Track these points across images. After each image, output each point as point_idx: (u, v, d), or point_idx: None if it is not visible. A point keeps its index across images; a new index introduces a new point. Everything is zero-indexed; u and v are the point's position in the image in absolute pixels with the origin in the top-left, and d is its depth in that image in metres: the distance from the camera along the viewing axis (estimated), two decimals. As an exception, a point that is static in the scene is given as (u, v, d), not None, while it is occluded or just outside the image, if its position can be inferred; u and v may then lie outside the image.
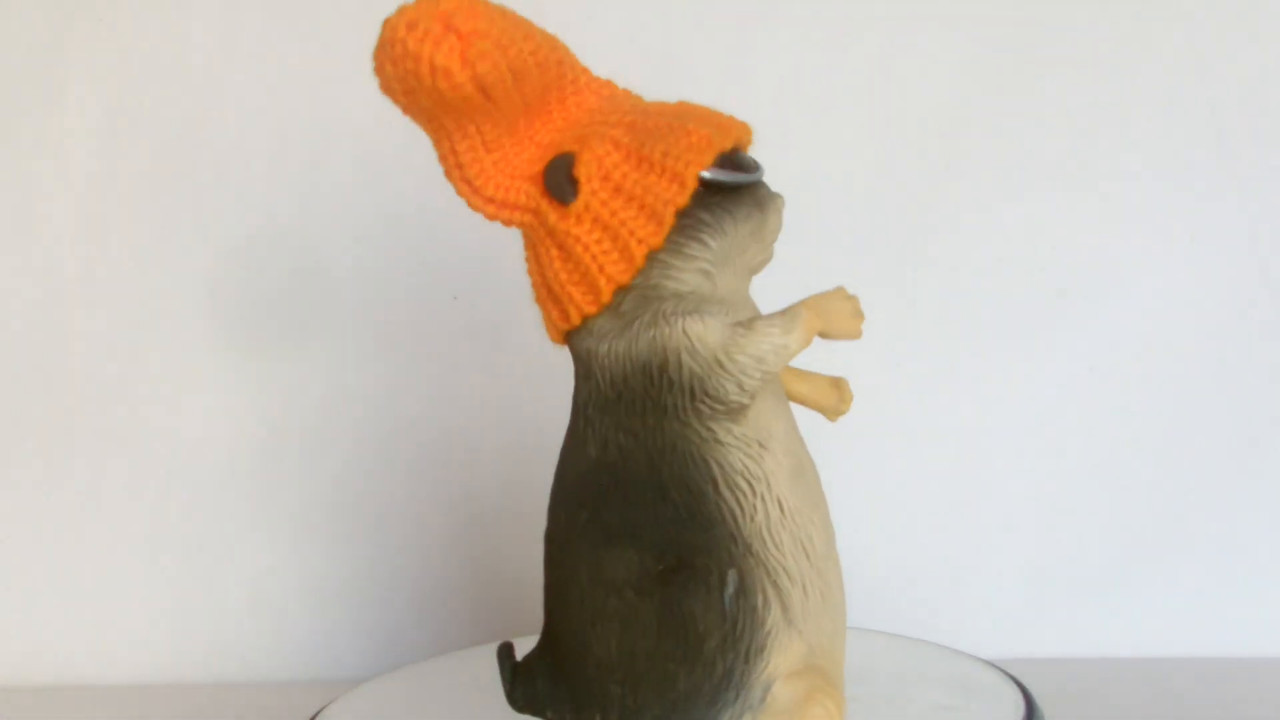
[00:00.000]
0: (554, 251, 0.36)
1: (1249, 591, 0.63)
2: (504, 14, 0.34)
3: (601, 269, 0.35)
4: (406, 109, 0.35)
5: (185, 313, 0.67)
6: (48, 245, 0.68)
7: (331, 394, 0.67)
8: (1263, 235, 0.63)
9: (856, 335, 0.37)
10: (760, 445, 0.36)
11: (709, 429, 0.35)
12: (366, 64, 0.68)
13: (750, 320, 0.36)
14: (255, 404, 0.67)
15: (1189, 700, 0.56)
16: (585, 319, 0.36)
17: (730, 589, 0.34)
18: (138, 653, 0.67)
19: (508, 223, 0.37)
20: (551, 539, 0.37)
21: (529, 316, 0.39)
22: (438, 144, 0.36)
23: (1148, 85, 0.63)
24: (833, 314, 0.36)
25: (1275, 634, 0.62)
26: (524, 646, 0.40)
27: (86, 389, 0.68)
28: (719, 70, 0.65)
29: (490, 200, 0.36)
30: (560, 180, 0.36)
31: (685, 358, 0.35)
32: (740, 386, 0.35)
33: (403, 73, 0.33)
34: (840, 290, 0.37)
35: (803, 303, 0.36)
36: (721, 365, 0.35)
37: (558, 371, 0.40)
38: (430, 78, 0.33)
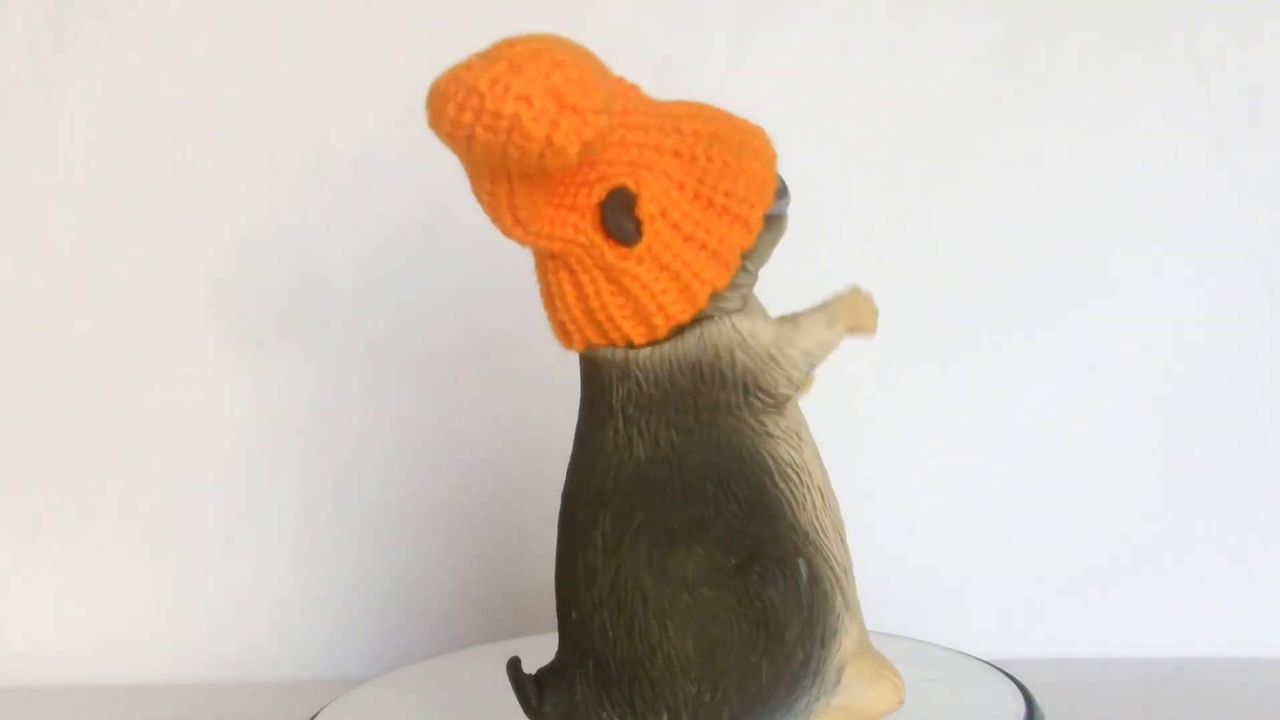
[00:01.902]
0: (603, 284, 0.35)
1: (1249, 591, 0.63)
2: (598, 70, 0.32)
3: (661, 308, 0.35)
4: (468, 158, 0.33)
5: (185, 313, 0.67)
6: (48, 245, 0.68)
7: (331, 394, 0.67)
8: (1263, 235, 0.63)
9: (875, 331, 0.39)
10: (798, 437, 0.37)
11: (760, 422, 0.36)
12: (366, 64, 0.68)
13: (794, 315, 0.37)
14: (255, 404, 0.67)
15: (1189, 700, 0.56)
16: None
17: (804, 577, 0.35)
18: (138, 653, 0.67)
19: (546, 249, 0.36)
20: (592, 544, 0.36)
21: (529, 318, 0.39)
22: (492, 185, 0.34)
23: (1148, 85, 0.63)
24: (860, 310, 0.38)
25: (1275, 634, 0.62)
26: (526, 647, 0.40)
27: (86, 389, 0.68)
28: (719, 70, 0.65)
29: (534, 234, 0.35)
30: (622, 222, 0.35)
31: (738, 353, 0.36)
32: (789, 380, 0.36)
33: (502, 143, 0.31)
34: (858, 288, 0.38)
35: (838, 299, 0.38)
36: (774, 359, 0.36)
37: (558, 372, 0.40)
38: (539, 156, 0.31)
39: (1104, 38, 0.63)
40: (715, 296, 0.35)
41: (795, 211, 0.39)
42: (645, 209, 0.35)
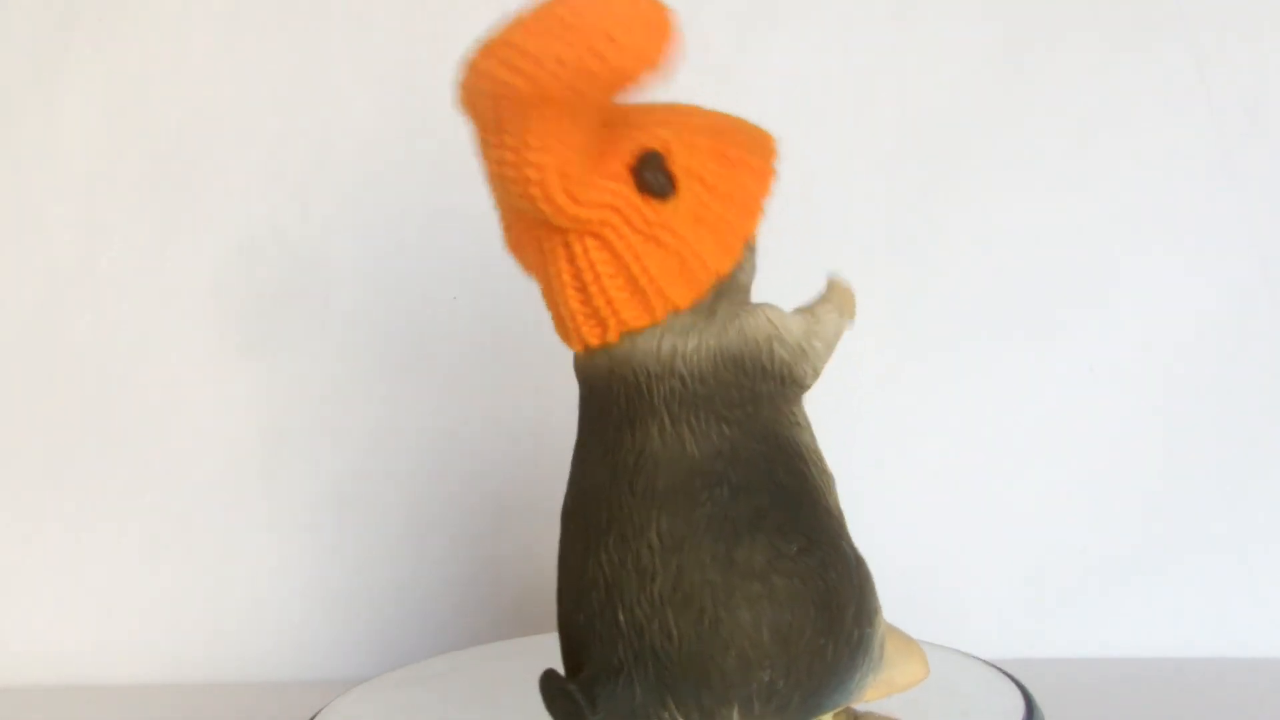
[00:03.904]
0: (642, 246, 0.36)
1: (1249, 591, 0.63)
2: None
3: (702, 261, 0.36)
4: (543, 106, 0.33)
5: (186, 312, 0.67)
6: (48, 245, 0.68)
7: (331, 394, 0.67)
8: (1263, 235, 0.63)
9: (854, 316, 0.40)
10: (809, 426, 0.38)
11: (792, 412, 0.37)
12: (366, 64, 0.68)
13: (810, 308, 0.39)
14: (255, 404, 0.67)
15: (1189, 700, 0.56)
16: (670, 314, 0.36)
17: (851, 559, 0.37)
18: (138, 653, 0.67)
19: (585, 221, 0.36)
20: (647, 545, 0.36)
21: (529, 316, 0.39)
22: (544, 149, 0.34)
23: (1148, 85, 0.63)
24: (849, 299, 0.40)
25: (1275, 634, 0.62)
26: (526, 647, 0.40)
27: (87, 389, 0.68)
28: (719, 70, 0.65)
29: (582, 202, 0.35)
30: (659, 177, 0.36)
31: (776, 345, 0.37)
32: (815, 370, 0.38)
33: (612, 65, 0.33)
34: (836, 277, 0.40)
35: (834, 290, 0.39)
36: (804, 351, 0.37)
37: (558, 372, 0.40)
38: (636, 70, 0.33)
39: (1104, 38, 0.63)
40: (747, 247, 0.37)
41: (795, 211, 0.39)
42: (678, 163, 0.36)
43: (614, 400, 0.37)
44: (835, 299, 0.39)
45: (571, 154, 0.34)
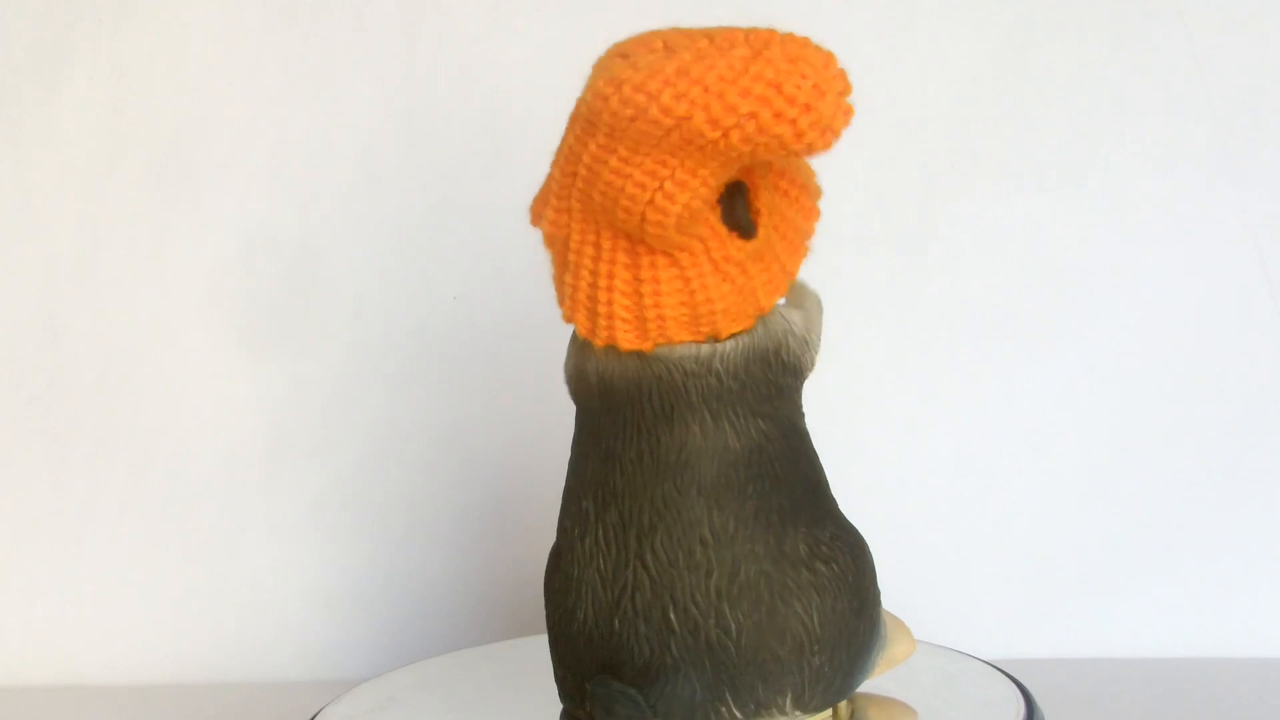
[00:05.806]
0: (711, 278, 0.36)
1: (1249, 591, 0.63)
2: None
3: (756, 299, 0.36)
4: (697, 151, 0.32)
5: (186, 312, 0.67)
6: (48, 245, 0.68)
7: (332, 394, 0.67)
8: (1263, 235, 0.63)
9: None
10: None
11: (799, 403, 0.39)
12: (367, 63, 0.68)
13: (799, 302, 0.40)
14: (255, 404, 0.67)
15: (1189, 700, 0.56)
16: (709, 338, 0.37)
17: (865, 543, 0.38)
18: (138, 653, 0.67)
19: (670, 247, 0.35)
20: (700, 541, 0.36)
21: (529, 316, 0.39)
22: (687, 178, 0.33)
23: (1148, 85, 0.63)
24: (817, 297, 0.41)
25: (1275, 634, 0.62)
26: (526, 647, 0.40)
27: (86, 389, 0.68)
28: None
29: (685, 233, 0.35)
30: (746, 216, 0.36)
31: (790, 340, 0.38)
32: (813, 361, 0.39)
33: (778, 131, 0.32)
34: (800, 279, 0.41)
35: (806, 288, 0.40)
36: (808, 344, 0.39)
37: (559, 371, 0.40)
38: (808, 145, 0.32)
39: (1104, 37, 0.63)
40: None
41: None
42: (760, 199, 0.36)
43: (645, 399, 0.37)
44: (813, 299, 0.40)
45: (705, 192, 0.34)
